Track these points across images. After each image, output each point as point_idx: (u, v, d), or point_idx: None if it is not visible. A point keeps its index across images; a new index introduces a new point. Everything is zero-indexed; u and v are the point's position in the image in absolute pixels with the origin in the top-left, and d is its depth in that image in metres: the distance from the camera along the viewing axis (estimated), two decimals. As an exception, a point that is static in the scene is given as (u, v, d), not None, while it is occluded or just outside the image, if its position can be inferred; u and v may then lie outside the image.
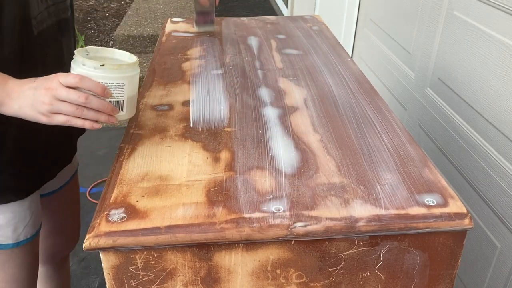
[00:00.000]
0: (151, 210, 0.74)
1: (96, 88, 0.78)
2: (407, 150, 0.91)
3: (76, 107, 0.77)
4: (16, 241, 1.00)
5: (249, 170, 0.84)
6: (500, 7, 1.29)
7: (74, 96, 0.76)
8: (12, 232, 0.99)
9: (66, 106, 0.77)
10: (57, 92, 0.76)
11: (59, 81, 0.77)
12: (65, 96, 0.76)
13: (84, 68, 0.79)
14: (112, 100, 0.82)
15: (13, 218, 0.98)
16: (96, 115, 0.80)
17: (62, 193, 1.22)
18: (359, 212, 0.74)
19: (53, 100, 0.77)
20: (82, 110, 0.78)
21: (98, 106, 0.79)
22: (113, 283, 0.74)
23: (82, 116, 0.78)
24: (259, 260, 0.75)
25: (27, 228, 1.02)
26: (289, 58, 1.35)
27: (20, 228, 1.00)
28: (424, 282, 0.80)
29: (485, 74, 1.36)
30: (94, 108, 0.79)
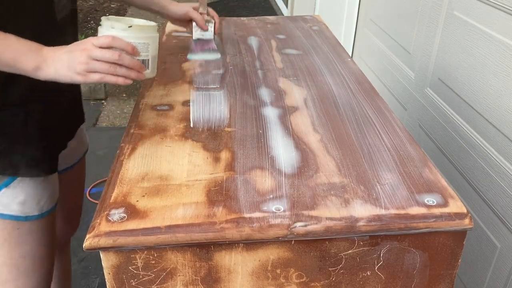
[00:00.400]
0: (151, 210, 0.74)
1: (127, 47, 0.86)
2: (407, 150, 0.91)
3: (109, 65, 0.84)
4: (40, 212, 1.04)
5: (249, 170, 0.84)
6: (500, 7, 1.29)
7: (108, 54, 0.83)
8: (37, 204, 1.03)
9: (101, 64, 0.84)
10: (92, 53, 0.83)
11: (92, 43, 0.84)
12: (100, 55, 0.83)
13: (113, 31, 0.87)
14: (139, 59, 0.89)
15: (37, 191, 1.02)
16: (127, 72, 0.86)
17: (71, 173, 1.26)
18: (359, 212, 0.74)
19: (89, 59, 0.83)
20: (115, 67, 0.85)
21: (129, 64, 0.86)
22: (113, 283, 0.74)
23: (115, 73, 0.85)
24: (259, 260, 0.75)
25: (49, 199, 1.06)
26: (289, 58, 1.35)
27: (43, 200, 1.04)
28: (424, 282, 0.80)
29: (485, 74, 1.36)
30: (126, 66, 0.86)
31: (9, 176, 0.98)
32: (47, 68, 0.84)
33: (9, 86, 0.92)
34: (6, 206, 0.99)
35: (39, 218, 1.05)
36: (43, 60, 0.84)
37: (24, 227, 1.03)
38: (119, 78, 0.86)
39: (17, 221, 1.01)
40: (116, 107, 3.36)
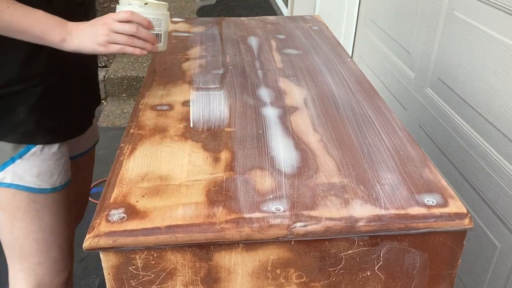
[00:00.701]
0: (151, 210, 0.74)
1: (143, 21, 0.96)
2: (407, 150, 0.91)
3: (128, 37, 0.95)
4: (53, 186, 1.10)
5: (249, 170, 0.84)
6: (500, 7, 1.29)
7: (127, 27, 0.94)
8: (49, 177, 1.09)
9: (121, 36, 0.94)
10: (112, 26, 0.94)
11: (113, 18, 0.95)
12: (121, 28, 0.94)
13: (130, 7, 0.97)
14: (153, 32, 1.00)
15: (50, 165, 1.08)
16: (144, 44, 0.97)
17: (83, 160, 1.31)
18: (359, 212, 0.74)
19: (110, 32, 0.94)
20: (133, 39, 0.95)
21: (145, 36, 0.97)
22: (113, 283, 0.74)
23: (133, 44, 0.96)
24: (259, 260, 0.75)
25: (62, 175, 1.12)
26: (289, 58, 1.35)
27: (55, 175, 1.10)
28: (424, 282, 0.80)
29: (485, 74, 1.36)
30: (142, 38, 0.96)
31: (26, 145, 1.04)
32: (71, 40, 0.94)
33: (33, 59, 1.00)
34: (21, 177, 1.05)
35: (53, 192, 1.10)
36: (68, 33, 0.94)
37: (40, 200, 1.08)
38: (136, 49, 0.96)
39: (32, 193, 1.07)
40: (116, 107, 3.36)
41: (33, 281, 1.14)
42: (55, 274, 1.16)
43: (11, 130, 1.02)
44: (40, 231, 1.10)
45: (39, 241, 1.11)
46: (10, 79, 0.99)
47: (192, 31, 1.58)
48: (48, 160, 1.08)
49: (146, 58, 3.76)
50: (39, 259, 1.12)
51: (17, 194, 1.06)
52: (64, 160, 1.13)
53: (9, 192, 1.06)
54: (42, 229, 1.11)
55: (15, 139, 1.03)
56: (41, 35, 0.92)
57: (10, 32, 0.91)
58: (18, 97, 1.01)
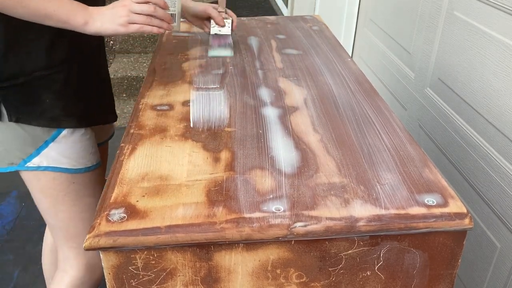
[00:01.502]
0: (151, 210, 0.74)
1: (160, 2, 1.03)
2: (407, 150, 0.91)
3: (146, 17, 1.01)
4: (86, 166, 1.15)
5: (249, 170, 0.84)
6: (500, 7, 1.29)
7: (146, 7, 1.00)
8: (83, 158, 1.14)
9: (139, 17, 1.00)
10: (131, 7, 1.00)
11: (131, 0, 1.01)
12: (139, 9, 1.00)
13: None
14: (169, 12, 1.07)
15: (81, 147, 1.13)
16: (160, 23, 1.03)
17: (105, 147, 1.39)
18: (359, 212, 0.74)
19: (129, 13, 0.99)
20: (151, 19, 1.01)
21: (162, 15, 1.03)
22: (113, 283, 0.74)
23: (151, 23, 1.02)
24: (259, 260, 0.75)
25: (93, 155, 1.17)
26: (289, 58, 1.35)
27: (88, 155, 1.15)
28: (424, 282, 0.80)
29: (485, 74, 1.36)
30: (159, 17, 1.03)
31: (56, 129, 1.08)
32: (93, 22, 0.99)
33: (56, 46, 1.04)
34: (57, 160, 1.09)
35: (88, 171, 1.15)
36: (90, 16, 0.99)
37: (78, 180, 1.14)
38: (154, 27, 1.02)
39: (70, 174, 1.12)
40: (116, 107, 3.36)
41: (83, 259, 1.19)
42: None
43: (40, 115, 1.05)
44: (82, 211, 1.15)
45: (84, 220, 1.16)
46: (36, 66, 1.03)
47: (192, 31, 1.58)
48: (79, 142, 1.12)
49: (146, 58, 3.76)
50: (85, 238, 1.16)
51: (56, 177, 1.10)
52: (93, 142, 1.18)
53: (49, 175, 1.09)
54: (85, 208, 1.16)
55: (44, 124, 1.06)
56: (65, 19, 0.96)
57: (37, 18, 0.95)
58: (44, 83, 1.04)
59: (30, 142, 1.07)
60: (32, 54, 1.02)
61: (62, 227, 1.16)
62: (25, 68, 1.02)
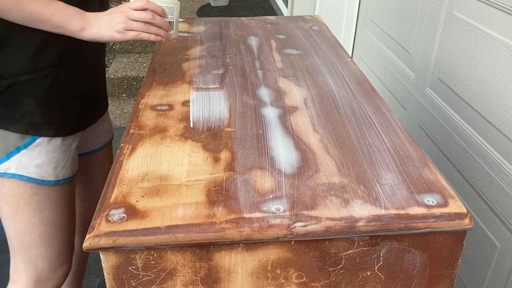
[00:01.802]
0: (151, 210, 0.74)
1: (158, 9, 1.00)
2: (407, 150, 0.91)
3: (144, 24, 0.99)
4: (56, 178, 1.11)
5: (249, 170, 0.84)
6: (500, 7, 1.29)
7: (143, 15, 0.98)
8: (53, 169, 1.10)
9: (137, 23, 0.98)
10: (129, 14, 0.98)
11: (129, 6, 0.99)
12: (137, 16, 0.98)
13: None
14: (166, 20, 1.04)
15: (54, 157, 1.09)
16: (158, 30, 1.01)
17: (99, 156, 1.34)
18: (359, 212, 0.74)
19: (127, 19, 0.98)
20: (148, 26, 1.00)
21: (159, 23, 1.01)
22: (113, 283, 0.74)
23: (148, 31, 1.00)
24: (259, 260, 0.75)
25: (66, 168, 1.13)
26: (289, 58, 1.35)
27: (59, 167, 1.11)
28: (424, 282, 0.80)
29: (485, 74, 1.36)
30: (157, 25, 1.01)
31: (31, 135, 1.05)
32: (90, 28, 0.98)
33: (44, 51, 1.01)
34: (25, 168, 1.06)
35: (56, 185, 1.11)
36: (87, 21, 0.98)
37: (43, 192, 1.10)
38: (152, 35, 1.00)
39: (35, 185, 1.08)
40: (116, 107, 3.36)
41: (33, 273, 1.15)
42: (56, 267, 1.17)
43: (17, 121, 1.03)
44: (41, 224, 1.11)
45: (40, 234, 1.12)
46: (20, 69, 1.00)
47: (192, 31, 1.58)
48: (52, 152, 1.08)
49: (146, 58, 3.76)
50: (40, 251, 1.13)
51: (20, 185, 1.07)
52: (69, 154, 1.13)
53: (13, 183, 1.06)
54: (44, 222, 1.12)
55: (21, 130, 1.04)
56: (61, 24, 0.95)
57: (33, 22, 0.94)
58: (26, 87, 1.02)
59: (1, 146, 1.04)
60: (19, 56, 1.00)
61: (17, 238, 1.12)
62: (11, 70, 1.00)
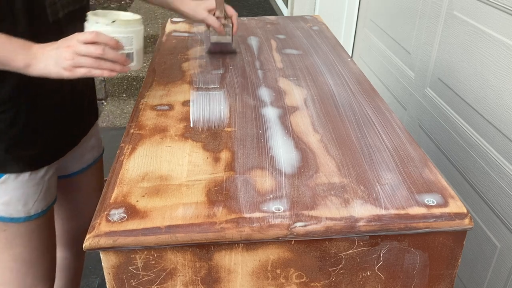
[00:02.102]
0: (151, 210, 0.74)
1: (110, 42, 0.89)
2: (407, 150, 0.91)
3: (94, 59, 0.87)
4: (27, 215, 1.04)
5: (249, 170, 0.84)
6: (500, 7, 1.29)
7: (92, 49, 0.86)
8: (23, 206, 1.03)
9: (86, 59, 0.87)
10: (77, 48, 0.86)
11: (77, 39, 0.87)
12: (85, 51, 0.86)
13: (98, 26, 0.91)
14: (123, 52, 0.93)
15: (23, 193, 1.02)
16: (112, 66, 0.89)
17: (86, 175, 1.26)
18: (359, 212, 0.74)
19: (74, 55, 0.86)
20: (100, 61, 0.87)
21: (113, 57, 0.89)
22: (113, 283, 0.74)
23: (100, 67, 0.88)
24: (259, 260, 0.75)
25: (38, 202, 1.05)
26: (289, 58, 1.35)
27: (30, 203, 1.04)
28: (424, 282, 0.80)
29: (485, 74, 1.36)
30: (110, 59, 0.89)
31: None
32: (37, 64, 0.87)
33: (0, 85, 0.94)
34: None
35: (27, 221, 1.04)
36: (34, 57, 0.87)
37: (11, 229, 1.03)
38: (104, 71, 0.89)
39: (2, 222, 1.01)
40: (116, 107, 3.36)
41: None
42: None
43: None
44: (12, 260, 1.05)
45: (12, 269, 1.06)
46: None
47: (192, 31, 1.58)
48: (20, 188, 1.01)
49: (146, 58, 3.76)
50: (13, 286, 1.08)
51: None
52: (42, 187, 1.06)
53: None
54: (14, 258, 1.05)
55: None
56: (5, 61, 0.86)
57: None
58: None
59: None
60: None
61: None
62: None
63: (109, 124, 3.12)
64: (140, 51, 0.97)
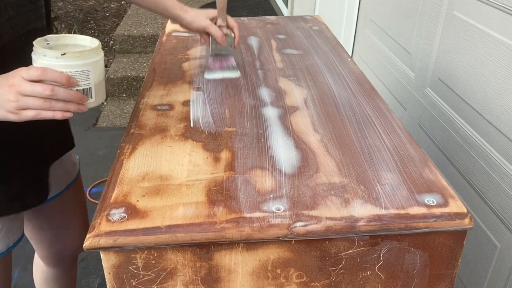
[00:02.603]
0: (152, 209, 0.74)
1: (60, 79, 0.75)
2: (407, 150, 0.91)
3: (43, 100, 0.74)
4: None
5: (250, 170, 0.84)
6: (500, 7, 1.29)
7: (40, 89, 0.73)
8: None
9: (33, 100, 0.74)
10: (21, 88, 0.73)
11: (21, 76, 0.74)
12: (30, 91, 0.73)
13: (46, 59, 0.77)
14: (79, 89, 0.79)
15: None
16: (65, 106, 0.77)
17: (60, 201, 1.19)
18: (359, 212, 0.74)
19: (19, 96, 0.73)
20: (50, 102, 0.75)
21: (65, 97, 0.76)
22: (114, 282, 0.74)
23: (51, 108, 0.75)
24: (260, 259, 0.75)
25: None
26: (289, 58, 1.35)
27: None
28: (424, 282, 0.80)
29: (485, 74, 1.36)
30: (62, 99, 0.76)
31: None
32: None
33: None
34: None
35: None
36: None
37: None
38: (56, 112, 0.76)
39: None
40: (116, 107, 3.36)
41: None
42: None
43: None
44: None
45: None
46: None
47: (192, 31, 1.58)
48: None
49: (146, 58, 3.76)
50: None
51: None
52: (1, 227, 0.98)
53: None
54: None
55: None
56: None
57: None
58: None
59: None
60: None
61: None
62: None
63: (109, 124, 3.12)
64: (99, 84, 0.83)
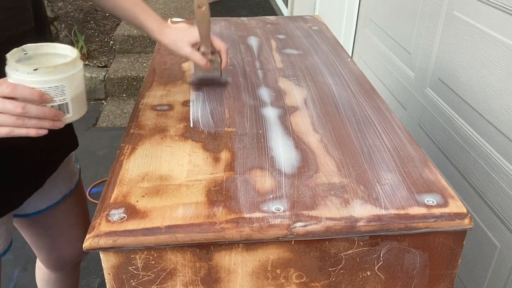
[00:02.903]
0: (151, 210, 0.74)
1: (32, 96, 0.71)
2: (407, 150, 0.91)
3: (16, 117, 0.71)
4: None
5: (249, 170, 0.84)
6: (500, 7, 1.29)
7: (11, 106, 0.70)
8: None
9: (5, 117, 0.71)
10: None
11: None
12: (1, 108, 0.70)
13: (18, 75, 0.72)
14: (54, 105, 0.74)
15: None
16: (39, 123, 0.73)
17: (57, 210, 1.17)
18: (359, 212, 0.74)
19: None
20: (23, 119, 0.71)
21: (38, 114, 0.72)
22: (113, 283, 0.74)
23: (24, 125, 0.72)
24: (259, 260, 0.75)
25: None
26: (289, 58, 1.35)
27: None
28: (424, 282, 0.80)
29: (485, 74, 1.36)
30: (35, 116, 0.72)
31: None
32: None
33: None
34: None
35: None
36: None
37: None
38: (30, 129, 0.72)
39: None
40: (116, 107, 3.36)
41: None
42: None
43: None
44: None
45: None
46: None
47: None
48: None
49: (146, 58, 3.76)
50: None
51: None
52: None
53: None
54: None
55: None
56: None
57: None
58: None
59: None
60: None
61: None
62: None
63: (109, 124, 3.12)
64: (78, 97, 0.77)
